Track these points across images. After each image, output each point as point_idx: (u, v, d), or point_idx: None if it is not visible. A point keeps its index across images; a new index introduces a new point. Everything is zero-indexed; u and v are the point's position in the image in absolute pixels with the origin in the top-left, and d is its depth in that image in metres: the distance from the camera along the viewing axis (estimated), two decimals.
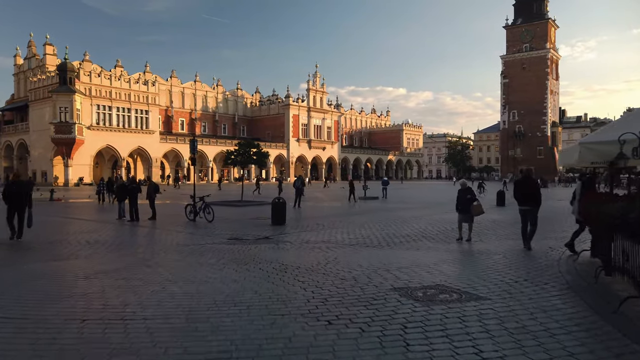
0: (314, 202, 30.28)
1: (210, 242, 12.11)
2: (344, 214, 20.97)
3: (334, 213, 21.64)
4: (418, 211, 22.41)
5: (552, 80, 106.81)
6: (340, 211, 22.91)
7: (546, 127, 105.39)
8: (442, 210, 22.14)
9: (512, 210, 18.98)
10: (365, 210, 23.15)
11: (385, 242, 12.29)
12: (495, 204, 26.04)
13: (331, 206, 26.61)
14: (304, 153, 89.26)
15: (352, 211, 22.94)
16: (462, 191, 12.37)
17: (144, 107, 64.83)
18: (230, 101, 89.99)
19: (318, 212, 22.72)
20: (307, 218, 19.06)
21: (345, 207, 25.69)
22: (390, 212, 22.07)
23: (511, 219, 17.17)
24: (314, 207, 26.06)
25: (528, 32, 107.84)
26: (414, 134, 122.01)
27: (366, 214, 21.16)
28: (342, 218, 18.87)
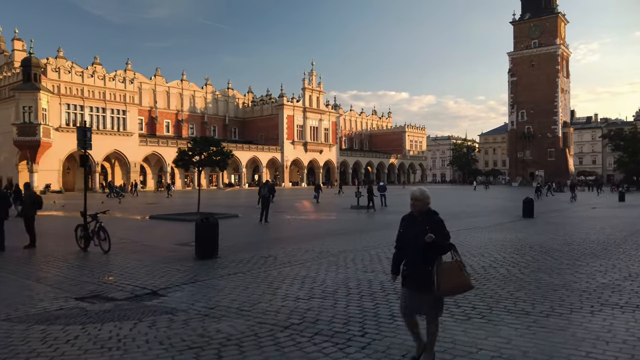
0: (302, 213, 24.49)
1: (38, 308, 6.37)
2: (324, 233, 15.19)
3: (312, 232, 15.91)
4: None
5: (562, 77, 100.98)
6: (323, 228, 17.17)
7: (557, 128, 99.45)
8: (463, 225, 16.41)
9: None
10: (357, 227, 17.38)
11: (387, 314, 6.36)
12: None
13: (319, 220, 20.85)
14: (299, 156, 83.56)
15: (339, 227, 17.19)
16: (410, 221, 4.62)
17: (121, 107, 59.28)
18: (221, 101, 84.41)
19: (291, 229, 17.02)
20: (265, 242, 13.29)
21: (335, 221, 19.93)
22: (391, 228, 16.28)
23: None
24: (294, 221, 20.31)
25: (537, 27, 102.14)
26: (417, 136, 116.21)
27: (355, 234, 15.35)
28: (318, 241, 13.07)
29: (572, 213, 24.42)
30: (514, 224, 17.84)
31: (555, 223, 18.17)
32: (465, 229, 16.12)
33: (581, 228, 16.19)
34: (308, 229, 17.02)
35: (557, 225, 17.38)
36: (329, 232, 15.74)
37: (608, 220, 19.51)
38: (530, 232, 14.99)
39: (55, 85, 53.65)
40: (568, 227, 16.66)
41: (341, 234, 15.12)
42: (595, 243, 12.21)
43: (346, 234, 15.09)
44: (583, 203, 34.32)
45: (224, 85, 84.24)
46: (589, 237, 13.31)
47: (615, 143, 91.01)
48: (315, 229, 16.64)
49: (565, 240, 12.79)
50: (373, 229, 16.67)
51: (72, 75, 54.97)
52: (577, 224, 17.91)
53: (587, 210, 26.35)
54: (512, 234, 14.25)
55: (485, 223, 18.44)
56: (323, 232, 15.76)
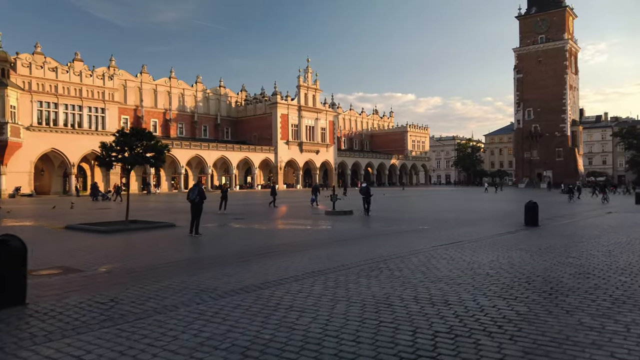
0: (262, 221, 20.68)
1: None
2: (258, 252, 11.39)
3: (245, 250, 12.09)
4: (409, 240, 12.74)
5: (571, 74, 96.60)
6: (267, 243, 13.34)
7: (565, 127, 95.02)
8: (447, 237, 12.51)
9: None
10: (314, 240, 13.54)
11: None
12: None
13: (274, 231, 17.03)
14: (294, 157, 79.76)
15: (291, 240, 13.36)
16: None
17: (100, 105, 55.80)
18: (212, 100, 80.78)
19: (220, 246, 13.23)
20: (154, 268, 9.46)
21: (294, 232, 16.11)
22: (338, 245, 12.43)
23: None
24: (240, 232, 16.53)
25: (543, 21, 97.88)
26: (419, 136, 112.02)
27: (302, 251, 11.55)
28: (230, 268, 9.30)
29: (584, 220, 20.43)
30: (512, 237, 13.93)
31: (564, 235, 14.22)
32: (448, 243, 12.26)
33: (600, 243, 12.25)
34: (246, 243, 13.18)
35: (567, 238, 13.43)
36: (268, 248, 11.91)
37: (632, 230, 15.53)
38: (532, 249, 11.07)
39: (26, 81, 50.23)
40: (583, 241, 12.71)
41: (281, 252, 11.28)
42: (627, 272, 8.29)
43: (291, 251, 11.25)
44: (597, 207, 30.27)
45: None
46: (616, 261, 9.38)
47: (627, 142, 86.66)
48: (253, 245, 12.81)
49: (581, 266, 8.87)
50: (333, 243, 12.82)
51: (44, 71, 51.52)
52: (594, 236, 13.96)
53: (602, 216, 22.34)
54: (505, 254, 10.37)
55: (477, 234, 14.56)
56: (262, 248, 11.93)
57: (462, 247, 11.61)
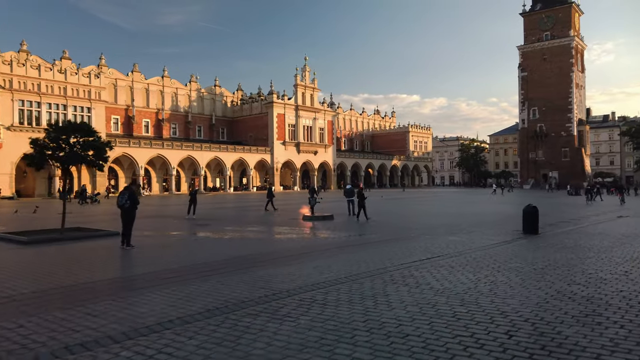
0: (230, 226, 18.40)
1: None
2: (177, 275, 9.12)
3: (175, 267, 9.83)
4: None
5: (577, 72, 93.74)
6: (199, 260, 11.05)
7: (572, 126, 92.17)
8: (430, 247, 10.18)
9: None
10: (263, 252, 11.25)
11: None
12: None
13: (232, 240, 14.76)
14: (291, 158, 77.44)
15: (237, 254, 11.08)
16: None
17: (85, 104, 53.71)
18: (207, 100, 78.62)
19: (146, 263, 10.92)
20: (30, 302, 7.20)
21: (253, 242, 13.81)
22: (284, 263, 10.14)
23: None
24: (187, 244, 14.27)
25: (549, 18, 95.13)
26: (421, 136, 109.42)
27: (238, 271, 9.28)
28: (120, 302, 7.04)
29: (592, 226, 17.99)
30: (504, 249, 11.56)
31: (568, 247, 11.82)
32: (425, 258, 9.92)
33: (612, 259, 9.85)
34: (186, 258, 10.88)
35: (571, 251, 11.04)
36: (206, 266, 9.61)
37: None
38: (525, 269, 8.71)
39: (6, 79, 48.25)
40: (590, 256, 10.31)
41: (215, 271, 8.98)
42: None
43: (228, 271, 8.94)
44: (606, 210, 27.80)
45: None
46: (637, 290, 6.99)
47: (636, 141, 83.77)
48: (190, 262, 10.53)
49: (589, 301, 6.47)
50: (281, 259, 10.50)
51: (26, 69, 49.51)
52: (604, 248, 11.56)
53: (613, 221, 19.90)
54: (489, 278, 8.02)
55: (464, 245, 12.21)
56: (197, 266, 9.64)
57: (439, 264, 9.25)
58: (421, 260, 9.83)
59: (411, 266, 9.10)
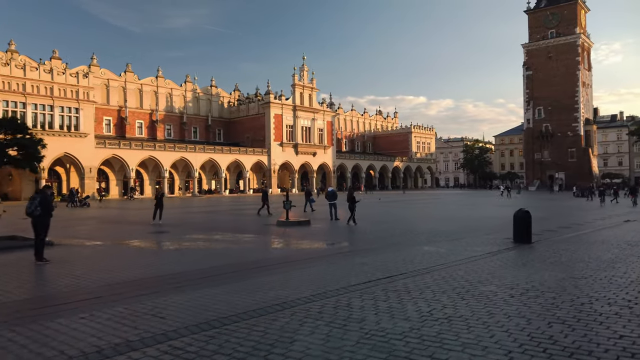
0: (190, 232, 16.58)
1: None
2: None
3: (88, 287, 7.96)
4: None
5: (583, 70, 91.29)
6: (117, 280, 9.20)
7: (578, 126, 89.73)
8: (403, 258, 8.28)
9: None
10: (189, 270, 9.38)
11: None
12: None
13: (181, 250, 12.96)
14: (289, 159, 75.60)
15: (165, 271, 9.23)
16: None
17: (73, 105, 52.11)
18: (203, 100, 76.95)
19: (58, 283, 9.07)
20: None
21: (204, 253, 11.96)
22: (211, 284, 8.28)
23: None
24: (106, 257, 12.45)
25: (554, 15, 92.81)
26: (424, 137, 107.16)
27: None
28: None
29: (594, 232, 15.96)
30: (484, 264, 9.62)
31: (561, 262, 9.84)
32: (382, 277, 8.02)
33: (615, 281, 7.86)
34: (108, 275, 9.02)
35: (564, 269, 9.05)
36: (124, 286, 7.75)
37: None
38: (500, 295, 6.77)
39: None
40: (588, 276, 8.32)
41: (119, 295, 7.11)
42: None
43: (133, 294, 7.07)
44: (613, 213, 25.74)
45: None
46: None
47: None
48: (106, 281, 8.66)
49: (572, 353, 4.51)
50: (208, 279, 8.62)
51: (11, 68, 47.98)
52: (605, 263, 9.57)
53: (618, 227, 17.87)
54: (448, 309, 6.09)
55: (439, 258, 10.29)
56: (112, 287, 7.78)
57: (393, 287, 7.33)
58: (375, 280, 7.91)
59: (357, 290, 7.20)
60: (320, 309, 6.12)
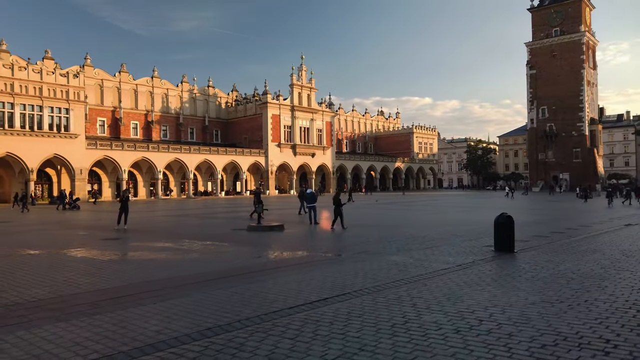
0: (147, 239, 15.32)
1: None
2: None
3: None
4: None
5: (588, 69, 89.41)
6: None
7: (583, 125, 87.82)
8: (365, 271, 6.98)
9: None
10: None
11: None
12: None
13: (106, 262, 11.67)
14: (287, 160, 74.31)
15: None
16: None
17: (63, 105, 51.06)
18: (199, 101, 75.81)
19: None
20: None
21: (146, 265, 10.68)
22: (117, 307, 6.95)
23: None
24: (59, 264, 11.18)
25: (558, 13, 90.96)
26: (426, 137, 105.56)
27: None
28: None
29: (589, 238, 14.52)
30: (449, 281, 8.27)
31: (541, 278, 8.44)
32: (330, 296, 6.70)
33: (602, 306, 6.45)
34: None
35: (540, 289, 7.67)
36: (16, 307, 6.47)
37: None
38: (446, 328, 5.44)
39: None
40: (564, 299, 6.93)
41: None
42: None
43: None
44: (613, 216, 24.24)
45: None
46: None
47: None
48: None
49: None
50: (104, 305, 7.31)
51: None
52: (589, 282, 8.17)
53: (617, 231, 16.41)
54: (367, 354, 4.72)
55: (402, 271, 8.94)
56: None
57: (315, 319, 5.97)
58: (303, 305, 6.56)
59: (270, 320, 5.85)
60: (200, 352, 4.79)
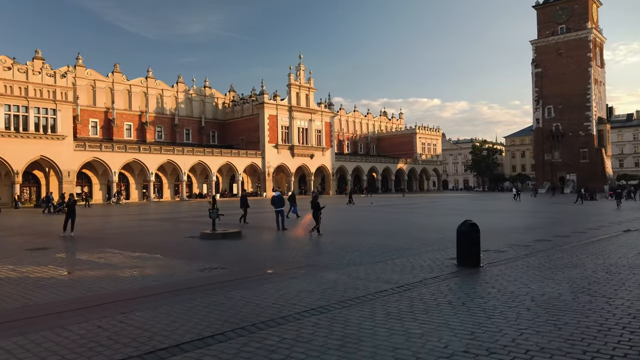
0: (86, 249, 13.77)
1: None
2: None
3: None
4: None
5: (596, 67, 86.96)
6: None
7: (591, 125, 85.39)
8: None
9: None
10: None
11: None
12: None
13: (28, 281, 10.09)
14: (285, 162, 72.69)
15: None
16: None
17: (50, 105, 49.83)
18: (196, 101, 74.43)
19: None
20: None
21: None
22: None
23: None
24: None
25: (563, 10, 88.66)
26: (430, 138, 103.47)
27: None
28: None
29: (575, 249, 12.71)
30: (385, 305, 6.61)
31: (492, 309, 6.74)
32: (216, 334, 5.06)
33: (553, 354, 4.74)
34: None
35: (488, 323, 5.99)
36: None
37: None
38: None
39: None
40: (511, 343, 5.23)
41: None
42: None
43: None
44: (614, 220, 22.37)
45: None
46: None
47: None
48: None
49: None
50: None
51: None
52: (558, 312, 6.46)
53: (612, 239, 14.57)
54: None
55: (327, 298, 7.29)
56: None
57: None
58: (155, 351, 4.92)
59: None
60: None
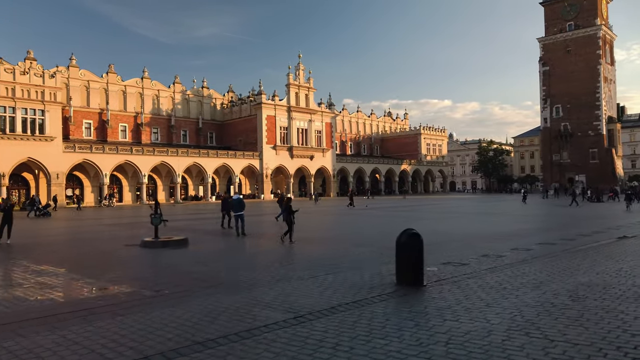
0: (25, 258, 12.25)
1: None
2: None
3: None
4: None
5: (605, 64, 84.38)
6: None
7: (600, 124, 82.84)
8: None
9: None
10: None
11: None
12: None
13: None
14: (284, 163, 71.09)
15: None
16: None
17: (38, 106, 48.72)
18: (193, 102, 73.14)
19: None
20: None
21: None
22: None
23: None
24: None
25: (572, 6, 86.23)
26: (435, 139, 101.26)
27: None
28: None
29: (554, 259, 10.90)
30: (270, 344, 4.87)
31: (400, 355, 5.02)
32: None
33: None
34: None
35: None
36: None
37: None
38: None
39: None
40: None
41: None
42: None
43: None
44: (612, 225, 20.44)
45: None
46: None
47: None
48: None
49: None
50: None
51: None
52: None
53: (605, 247, 12.72)
54: None
55: (218, 328, 5.61)
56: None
57: None
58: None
59: None
60: None
